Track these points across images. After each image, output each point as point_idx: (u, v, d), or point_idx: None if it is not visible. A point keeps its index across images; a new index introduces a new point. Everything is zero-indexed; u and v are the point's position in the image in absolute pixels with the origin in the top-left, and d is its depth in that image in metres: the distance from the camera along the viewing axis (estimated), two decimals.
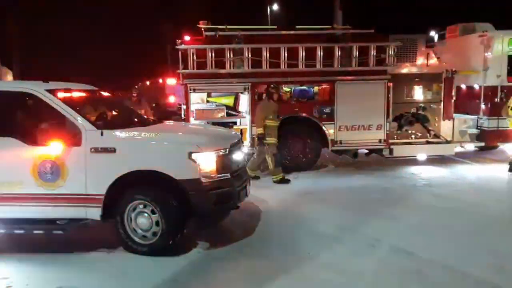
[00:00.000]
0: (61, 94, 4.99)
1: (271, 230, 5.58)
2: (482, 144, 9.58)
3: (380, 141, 8.99)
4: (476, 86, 9.48)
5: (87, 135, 4.68)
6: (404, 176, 8.56)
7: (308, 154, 8.99)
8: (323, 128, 8.90)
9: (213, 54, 8.63)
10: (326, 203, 6.77)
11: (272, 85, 8.16)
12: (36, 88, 4.91)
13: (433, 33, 12.90)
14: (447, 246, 4.91)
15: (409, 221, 5.80)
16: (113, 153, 4.65)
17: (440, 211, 6.22)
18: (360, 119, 8.91)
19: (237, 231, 5.51)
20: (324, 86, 9.08)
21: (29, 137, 4.66)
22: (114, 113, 6.09)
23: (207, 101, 9.27)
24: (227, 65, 8.68)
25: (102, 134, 4.71)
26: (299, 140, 8.94)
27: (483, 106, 9.29)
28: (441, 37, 11.14)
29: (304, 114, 8.89)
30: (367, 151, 9.61)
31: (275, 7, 28.17)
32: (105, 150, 4.66)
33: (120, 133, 4.85)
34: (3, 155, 4.71)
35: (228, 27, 8.89)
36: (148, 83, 31.32)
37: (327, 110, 8.92)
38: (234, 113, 9.13)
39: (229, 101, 9.22)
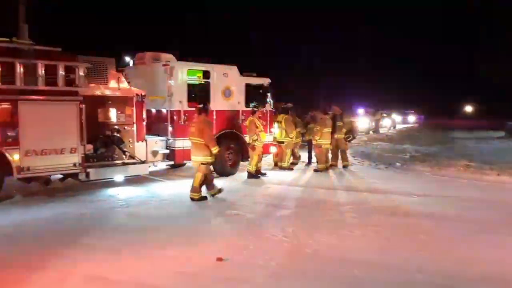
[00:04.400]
0: None
1: None
2: (172, 162, 10.60)
3: (75, 164, 8.55)
4: (164, 110, 10.44)
5: None
6: (102, 199, 8.44)
7: None
8: (5, 153, 7.72)
9: None
10: (12, 241, 5.86)
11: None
12: None
13: (125, 58, 13.45)
14: (142, 264, 5.10)
15: (104, 246, 5.71)
16: None
17: (133, 230, 6.43)
18: (51, 142, 8.20)
19: None
20: (5, 105, 7.90)
21: None
22: None
23: None
24: None
25: None
26: None
27: (170, 128, 10.30)
28: (132, 63, 11.75)
29: None
30: (61, 176, 8.97)
31: None
32: None
33: None
34: None
35: None
36: None
37: (11, 133, 7.81)
38: None
39: None
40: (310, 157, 13.56)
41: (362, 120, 26.87)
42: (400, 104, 45.27)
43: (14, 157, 7.81)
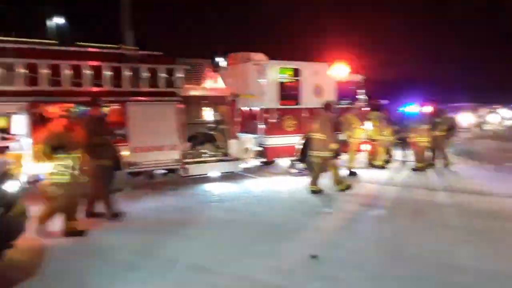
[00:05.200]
0: None
1: (58, 266, 4.95)
2: (264, 159, 10.80)
3: (175, 161, 9.15)
4: (256, 109, 10.67)
5: None
6: (199, 193, 8.90)
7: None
8: (117, 149, 8.51)
9: None
10: (121, 228, 6.45)
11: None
12: None
13: (218, 59, 13.98)
14: (238, 258, 5.27)
15: (204, 238, 6.01)
16: None
17: (229, 224, 6.66)
18: (154, 140, 8.88)
19: (17, 274, 4.68)
20: (115, 106, 8.72)
21: None
22: None
23: None
24: None
25: None
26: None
27: (262, 126, 10.50)
28: (225, 63, 12.19)
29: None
30: (164, 171, 9.65)
31: (59, 21, 25.93)
32: None
33: None
34: None
35: None
36: None
37: (120, 131, 8.59)
38: (7, 136, 7.84)
39: (1, 123, 7.89)
40: (405, 156, 12.88)
41: (465, 116, 24.85)
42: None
43: (124, 153, 8.59)
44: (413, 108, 13.11)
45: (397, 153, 13.04)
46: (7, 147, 7.77)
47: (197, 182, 9.69)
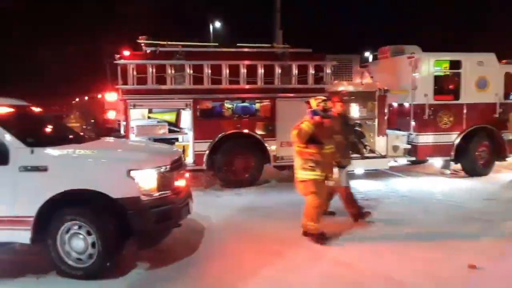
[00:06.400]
0: None
1: (215, 247, 5.51)
2: (413, 158, 10.17)
3: None
4: (406, 104, 10.09)
5: (15, 153, 4.39)
6: None
7: (251, 170, 9.06)
8: (265, 144, 9.03)
9: (154, 70, 8.51)
10: (270, 218, 6.82)
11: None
12: None
13: (367, 54, 13.59)
14: (389, 258, 5.12)
15: (351, 236, 5.97)
16: (44, 172, 4.39)
17: (375, 224, 6.45)
18: None
19: (179, 250, 5.38)
20: (265, 103, 9.24)
21: None
22: (46, 129, 5.77)
23: (149, 117, 9.07)
24: (168, 81, 8.59)
25: (32, 152, 4.44)
26: (242, 156, 8.98)
27: (413, 123, 9.89)
28: (374, 58, 11.80)
29: (246, 130, 8.97)
30: None
31: (217, 24, 28.43)
32: (35, 168, 4.38)
33: (52, 151, 4.59)
34: None
35: (169, 42, 8.83)
36: (86, 98, 30.06)
37: (269, 126, 9.09)
38: (176, 129, 9.00)
39: (171, 117, 9.08)
40: None
41: None
42: None
43: (272, 147, 9.05)
44: None
45: None
46: (176, 139, 8.92)
47: None
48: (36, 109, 5.92)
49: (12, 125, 4.74)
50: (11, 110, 5.27)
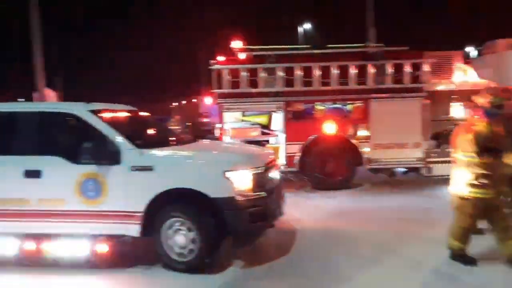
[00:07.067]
0: (102, 115, 5.19)
1: (307, 249, 5.50)
2: None
3: (417, 159, 8.79)
4: None
5: (126, 154, 4.82)
6: (444, 196, 8.26)
7: (343, 172, 8.90)
8: (358, 146, 8.81)
9: (247, 74, 8.79)
10: (364, 222, 6.63)
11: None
12: (79, 108, 5.13)
13: (469, 49, 12.60)
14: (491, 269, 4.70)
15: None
16: (150, 172, 4.76)
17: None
18: (396, 137, 8.76)
19: (273, 250, 5.48)
20: (358, 104, 9.02)
21: (73, 156, 4.82)
22: (152, 132, 6.26)
23: (242, 120, 9.38)
24: (260, 84, 8.81)
25: (140, 153, 4.84)
26: (334, 158, 8.87)
27: None
28: (478, 53, 10.86)
29: (338, 132, 8.85)
30: (404, 169, 9.41)
31: (307, 26, 28.39)
32: (143, 168, 4.77)
33: (157, 152, 4.97)
34: (49, 173, 4.91)
35: (261, 47, 9.06)
36: (183, 102, 32.05)
37: (362, 128, 8.86)
38: (268, 131, 9.19)
39: (263, 119, 9.29)
40: None
41: None
42: None
43: (365, 149, 8.80)
44: None
45: None
46: (267, 141, 9.10)
47: (441, 183, 9.00)
48: (143, 114, 6.45)
49: (123, 128, 5.20)
50: (122, 114, 5.83)
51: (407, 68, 8.74)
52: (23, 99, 16.12)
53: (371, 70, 8.77)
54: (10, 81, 28.13)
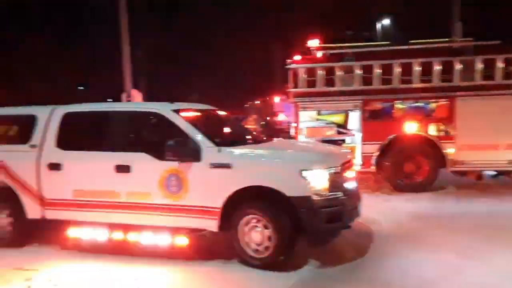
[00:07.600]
0: (184, 114, 5.45)
1: (384, 252, 5.32)
2: None
3: (509, 162, 8.09)
4: None
5: (206, 151, 5.01)
6: None
7: (424, 174, 8.46)
8: (442, 147, 8.32)
9: (323, 73, 8.70)
10: (447, 228, 6.24)
11: None
12: (163, 108, 5.43)
13: None
14: None
15: None
16: (229, 169, 4.90)
17: None
18: (485, 137, 8.15)
19: (348, 252, 5.37)
20: (443, 102, 8.51)
21: (158, 153, 5.10)
22: (230, 131, 6.44)
23: (317, 119, 9.31)
24: (337, 83, 8.67)
25: (219, 151, 5.00)
26: (414, 159, 8.47)
27: None
28: None
29: (419, 132, 8.43)
30: (493, 172, 8.71)
31: (386, 22, 27.31)
32: (222, 166, 4.92)
33: (235, 150, 5.10)
34: (137, 168, 5.26)
35: (338, 45, 8.92)
36: (257, 101, 32.56)
37: (446, 127, 8.35)
38: (344, 131, 9.02)
39: (339, 119, 9.14)
40: None
41: None
42: None
43: (449, 150, 8.28)
44: None
45: None
46: (343, 141, 8.93)
47: None
48: (221, 112, 6.66)
49: (203, 127, 5.41)
50: (202, 113, 6.07)
51: (499, 64, 8.07)
52: (111, 100, 17.35)
53: (458, 66, 8.23)
54: (98, 82, 30.52)
